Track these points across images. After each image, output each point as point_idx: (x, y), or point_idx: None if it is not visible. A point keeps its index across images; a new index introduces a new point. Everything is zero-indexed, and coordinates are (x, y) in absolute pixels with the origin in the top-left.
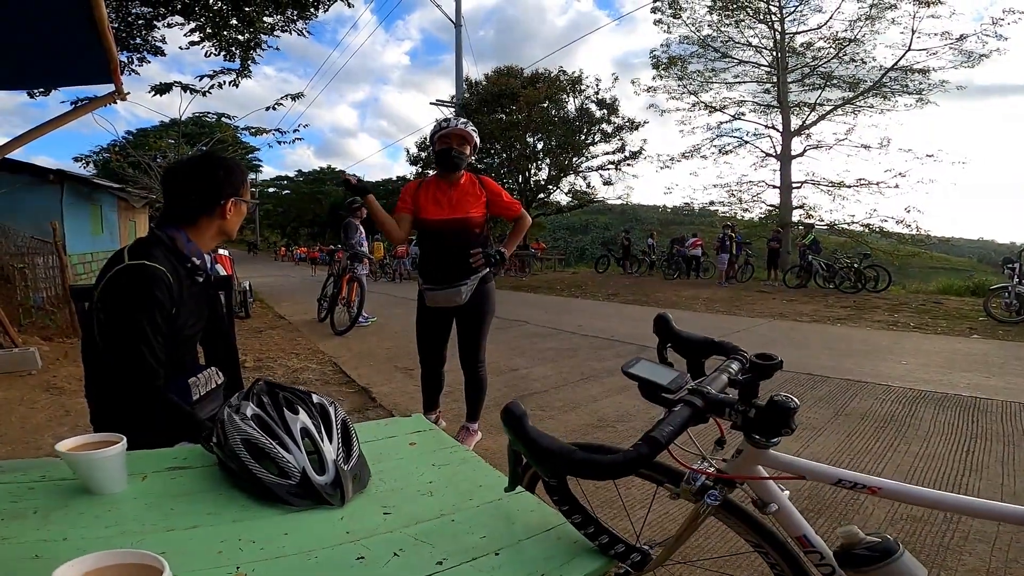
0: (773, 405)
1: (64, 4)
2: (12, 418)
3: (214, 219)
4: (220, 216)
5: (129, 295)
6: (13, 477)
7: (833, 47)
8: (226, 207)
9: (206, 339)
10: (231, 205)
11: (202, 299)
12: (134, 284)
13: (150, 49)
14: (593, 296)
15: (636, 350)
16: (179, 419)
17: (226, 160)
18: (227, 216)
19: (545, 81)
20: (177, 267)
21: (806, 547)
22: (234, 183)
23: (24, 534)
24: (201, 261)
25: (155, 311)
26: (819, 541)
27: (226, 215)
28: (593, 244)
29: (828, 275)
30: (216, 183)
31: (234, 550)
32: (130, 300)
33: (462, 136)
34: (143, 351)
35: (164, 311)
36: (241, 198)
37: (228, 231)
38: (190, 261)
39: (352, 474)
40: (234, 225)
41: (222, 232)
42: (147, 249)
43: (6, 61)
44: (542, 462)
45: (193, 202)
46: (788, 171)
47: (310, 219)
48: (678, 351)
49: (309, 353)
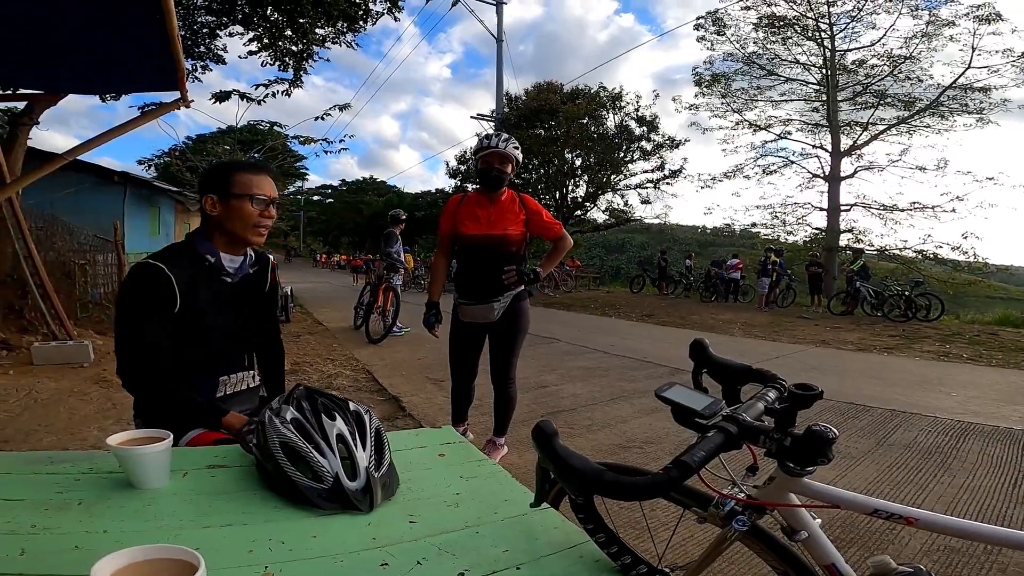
0: (811, 435)
1: (140, 16)
2: (61, 408)
3: (210, 218)
4: (209, 213)
5: (125, 290)
6: (62, 468)
7: (887, 65)
8: (204, 204)
9: (252, 339)
10: (207, 201)
11: (226, 298)
12: (130, 280)
13: (212, 57)
14: (627, 316)
15: (668, 372)
16: (179, 405)
17: (213, 165)
18: (212, 212)
19: (585, 97)
20: (192, 267)
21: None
22: (210, 181)
23: (67, 525)
24: (215, 259)
25: (144, 304)
26: (848, 570)
27: (210, 212)
28: (629, 263)
29: (876, 302)
30: (199, 185)
31: (264, 550)
32: (124, 294)
33: (503, 156)
34: (130, 340)
35: (159, 305)
36: (230, 193)
37: (227, 229)
38: (207, 260)
39: (382, 481)
40: (230, 223)
41: (223, 230)
42: (163, 251)
43: (84, 68)
44: (570, 481)
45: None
46: (837, 193)
47: (351, 227)
48: (714, 377)
49: (344, 360)
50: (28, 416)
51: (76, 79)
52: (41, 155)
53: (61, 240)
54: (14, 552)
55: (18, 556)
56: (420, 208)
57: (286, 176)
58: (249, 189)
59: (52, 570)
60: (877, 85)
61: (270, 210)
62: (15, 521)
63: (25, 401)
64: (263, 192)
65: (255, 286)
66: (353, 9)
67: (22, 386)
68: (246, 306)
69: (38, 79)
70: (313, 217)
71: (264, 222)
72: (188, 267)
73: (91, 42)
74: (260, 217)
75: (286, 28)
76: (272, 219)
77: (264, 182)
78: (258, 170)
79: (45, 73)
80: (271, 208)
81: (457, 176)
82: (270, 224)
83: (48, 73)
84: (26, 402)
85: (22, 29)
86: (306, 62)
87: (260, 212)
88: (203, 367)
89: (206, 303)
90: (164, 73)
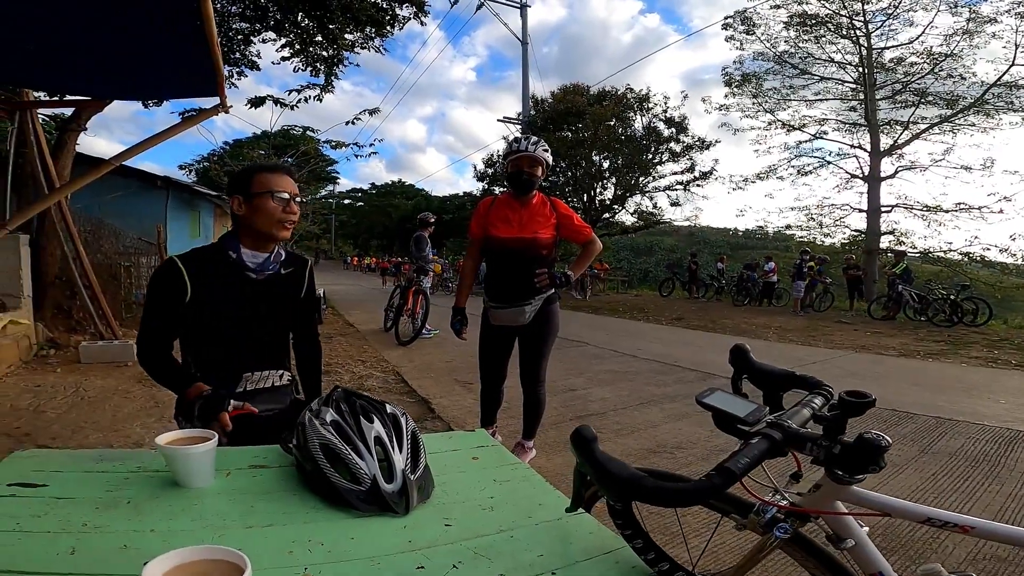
0: (863, 442)
1: (182, 23)
2: (107, 406)
3: (238, 219)
4: (236, 214)
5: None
6: (112, 467)
7: (927, 63)
8: (231, 206)
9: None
10: (234, 202)
11: (248, 293)
12: (152, 274)
13: (247, 63)
14: (656, 320)
15: (699, 377)
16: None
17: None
18: (239, 212)
19: (612, 99)
20: (211, 262)
21: None
22: (235, 183)
23: (116, 524)
24: (237, 255)
25: (153, 293)
26: None
27: (237, 212)
28: (657, 266)
29: (920, 307)
30: (227, 189)
31: (304, 551)
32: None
33: (533, 159)
34: (144, 321)
35: (166, 295)
36: (252, 192)
37: (254, 227)
38: (229, 256)
39: (418, 484)
40: (255, 220)
41: (251, 229)
42: (190, 250)
43: (129, 74)
44: (609, 486)
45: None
46: (877, 194)
47: (380, 231)
48: (755, 383)
49: (374, 361)
50: (76, 413)
51: (122, 86)
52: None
53: (108, 243)
54: (65, 550)
55: (69, 555)
56: (448, 211)
57: (318, 180)
58: (269, 187)
59: (101, 569)
60: (917, 83)
61: (291, 206)
62: (67, 519)
63: (72, 399)
64: (282, 189)
65: (287, 287)
66: (380, 14)
67: (70, 384)
68: (272, 304)
69: (85, 86)
70: (344, 220)
71: (287, 217)
72: (207, 262)
73: (136, 49)
74: (283, 213)
75: (316, 34)
76: (295, 214)
77: (283, 180)
78: (277, 170)
79: (92, 80)
80: (292, 204)
81: (485, 179)
82: (294, 219)
83: (95, 80)
84: (73, 399)
85: (70, 38)
86: (337, 67)
87: (282, 208)
88: (224, 361)
89: (221, 295)
90: (204, 79)
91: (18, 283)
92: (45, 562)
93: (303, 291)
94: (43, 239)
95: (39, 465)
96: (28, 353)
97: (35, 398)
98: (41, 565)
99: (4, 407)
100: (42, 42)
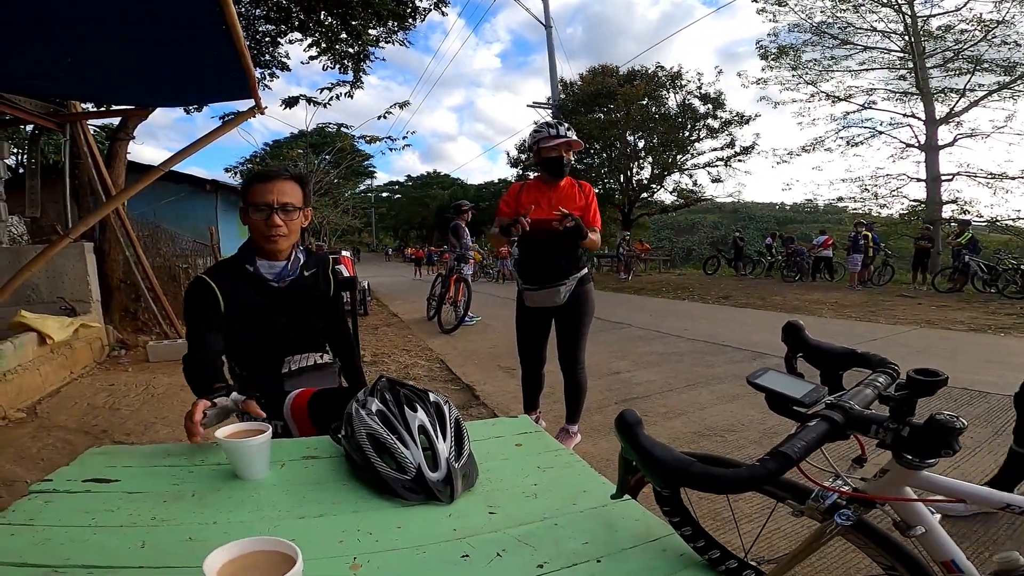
0: (934, 424)
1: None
2: (174, 402)
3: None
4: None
5: (184, 300)
6: (177, 461)
7: (979, 29)
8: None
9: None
10: (241, 214)
11: (275, 302)
12: (185, 293)
13: (277, 65)
14: (702, 299)
15: (749, 357)
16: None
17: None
18: (245, 224)
19: (643, 78)
20: (236, 277)
21: (952, 572)
22: (241, 192)
23: (182, 516)
24: (254, 268)
25: (192, 311)
26: (969, 566)
27: (244, 222)
28: (700, 245)
29: (989, 278)
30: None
31: (353, 540)
32: (184, 303)
33: (569, 144)
34: (189, 336)
35: (203, 311)
36: (247, 203)
37: (254, 238)
38: (247, 269)
39: (462, 472)
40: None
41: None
42: (214, 265)
43: (169, 83)
44: (656, 472)
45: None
46: (935, 162)
47: (418, 222)
48: (811, 362)
49: (419, 350)
50: (147, 410)
51: (163, 94)
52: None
53: (165, 246)
54: (136, 544)
55: (139, 548)
56: (484, 199)
57: (356, 175)
58: (253, 199)
59: (169, 562)
60: (970, 51)
61: (273, 218)
62: (136, 513)
63: (143, 396)
64: (264, 199)
65: (313, 288)
66: (401, 8)
67: (140, 382)
68: (300, 305)
69: (130, 95)
70: (383, 213)
71: (268, 231)
72: (231, 275)
73: (172, 58)
74: (264, 225)
75: (341, 31)
76: (277, 227)
77: (268, 189)
78: (266, 178)
79: (135, 89)
80: (275, 216)
81: (518, 165)
82: (277, 232)
83: (138, 89)
84: (144, 397)
85: (113, 51)
86: (363, 63)
87: (264, 220)
88: (263, 353)
89: (251, 308)
90: (237, 83)
91: (87, 288)
92: (118, 556)
93: (331, 289)
94: (106, 245)
95: (111, 461)
96: (101, 354)
97: (109, 396)
98: (114, 559)
99: (82, 406)
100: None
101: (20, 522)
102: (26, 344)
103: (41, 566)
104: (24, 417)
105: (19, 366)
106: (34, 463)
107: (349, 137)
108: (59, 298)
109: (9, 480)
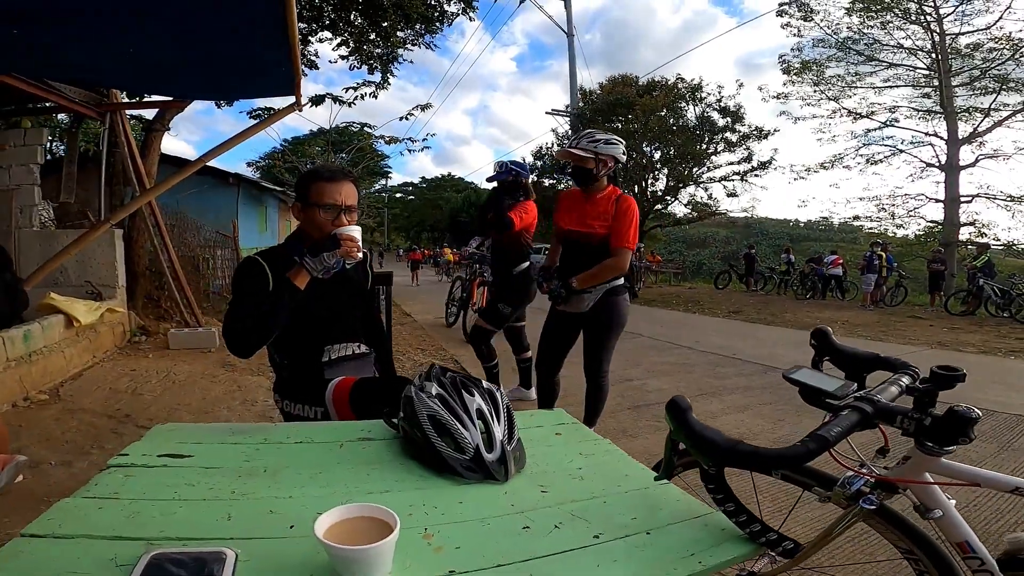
0: (953, 414)
1: (270, 27)
2: (195, 389)
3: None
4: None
5: (235, 276)
6: (244, 439)
7: (1007, 48)
8: (292, 211)
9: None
10: (295, 208)
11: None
12: (237, 269)
13: (307, 63)
14: (712, 312)
15: (761, 370)
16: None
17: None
18: (298, 218)
19: (662, 89)
20: (284, 264)
21: (967, 553)
22: (297, 189)
23: (259, 491)
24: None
25: (243, 285)
26: (981, 547)
27: (297, 218)
28: (711, 258)
29: (1002, 302)
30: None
31: (420, 513)
32: (234, 279)
33: (570, 154)
34: (232, 309)
35: (258, 282)
36: (309, 201)
37: (309, 234)
38: (295, 262)
39: (514, 454)
40: (309, 228)
41: (308, 235)
42: (265, 250)
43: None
44: (707, 451)
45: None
46: (955, 183)
47: (431, 223)
48: (837, 364)
49: (434, 350)
50: (169, 396)
51: (207, 87)
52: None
53: (191, 236)
54: (223, 516)
55: (226, 520)
56: None
57: (372, 175)
58: (320, 198)
59: (256, 533)
60: (997, 69)
61: (341, 219)
62: (216, 487)
63: (165, 382)
64: (333, 200)
65: (355, 281)
66: (430, 11)
67: (161, 368)
68: (342, 296)
69: (170, 87)
70: (396, 214)
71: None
72: (280, 262)
73: (219, 52)
74: (332, 225)
75: (370, 32)
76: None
77: (336, 190)
78: (333, 178)
79: (184, 83)
80: (342, 217)
81: (534, 171)
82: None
83: (187, 83)
84: (165, 383)
85: (172, 44)
86: (391, 64)
87: (332, 220)
88: (305, 340)
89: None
90: (283, 79)
91: (114, 274)
92: (208, 528)
93: (369, 282)
94: (134, 232)
95: (181, 437)
96: (123, 339)
97: (132, 381)
98: (206, 531)
99: (104, 390)
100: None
101: (106, 495)
102: (54, 326)
103: (135, 539)
104: (47, 399)
105: (45, 347)
106: (60, 444)
107: (371, 137)
108: (87, 282)
109: (35, 462)
